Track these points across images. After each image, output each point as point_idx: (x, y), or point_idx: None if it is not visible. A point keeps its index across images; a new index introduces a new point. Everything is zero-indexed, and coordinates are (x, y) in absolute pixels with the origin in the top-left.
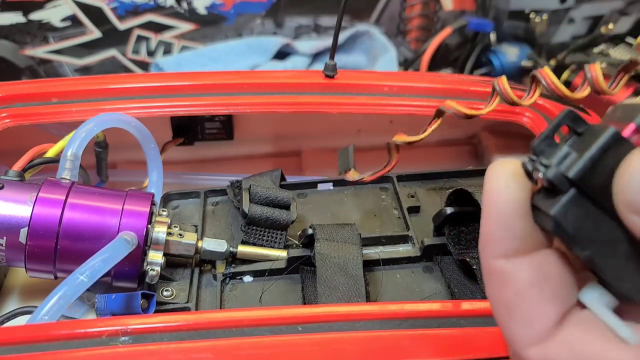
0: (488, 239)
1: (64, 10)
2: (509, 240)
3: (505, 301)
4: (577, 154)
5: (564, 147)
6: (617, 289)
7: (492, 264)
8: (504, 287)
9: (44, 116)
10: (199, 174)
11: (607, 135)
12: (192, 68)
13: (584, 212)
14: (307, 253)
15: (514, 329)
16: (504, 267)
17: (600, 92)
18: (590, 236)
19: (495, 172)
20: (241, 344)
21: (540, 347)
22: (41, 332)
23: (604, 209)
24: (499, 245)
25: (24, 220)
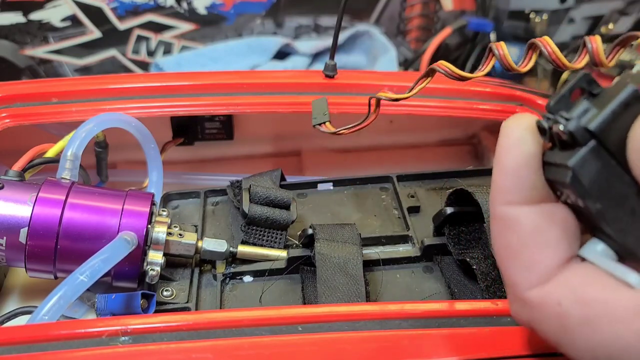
0: (498, 188)
1: (64, 10)
2: (518, 190)
3: (509, 246)
4: (596, 109)
5: (584, 102)
6: (621, 243)
7: (500, 210)
8: (509, 232)
9: (44, 116)
10: (199, 174)
11: (628, 91)
12: (192, 68)
13: (600, 166)
14: (307, 253)
15: (516, 272)
16: (511, 213)
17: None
18: (603, 190)
19: (511, 126)
20: (241, 344)
21: (540, 288)
22: (41, 332)
23: (619, 164)
24: (508, 193)
25: (24, 220)
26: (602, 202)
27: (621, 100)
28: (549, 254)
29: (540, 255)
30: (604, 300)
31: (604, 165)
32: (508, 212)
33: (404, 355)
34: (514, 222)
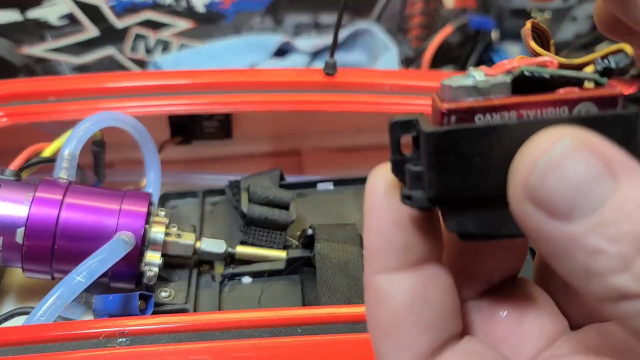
0: (368, 252)
1: (61, 8)
2: (389, 253)
3: (380, 322)
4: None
5: (410, 168)
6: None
7: (371, 280)
8: (380, 307)
9: (41, 115)
10: (197, 174)
11: (430, 140)
12: (190, 66)
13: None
14: (307, 253)
15: (385, 354)
16: (382, 284)
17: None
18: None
19: (374, 179)
20: (240, 346)
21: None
22: (38, 333)
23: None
24: (379, 258)
25: (21, 220)
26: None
27: (431, 152)
28: (422, 338)
29: (411, 339)
30: None
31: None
32: (379, 283)
33: None
34: (386, 295)
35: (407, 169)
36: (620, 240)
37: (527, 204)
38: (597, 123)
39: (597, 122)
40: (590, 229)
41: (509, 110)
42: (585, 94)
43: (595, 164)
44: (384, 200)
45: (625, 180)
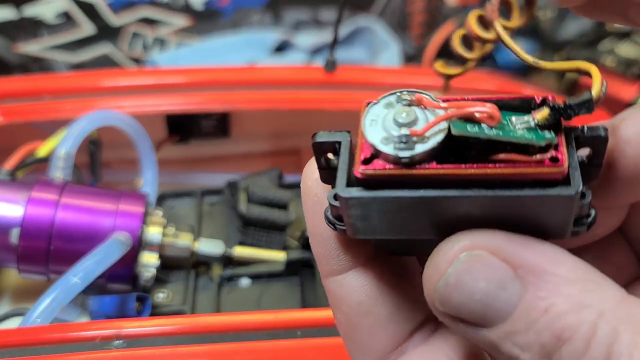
0: (315, 257)
1: (57, 5)
2: (332, 257)
3: (340, 325)
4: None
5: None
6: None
7: (324, 284)
8: (337, 311)
9: (36, 113)
10: (195, 173)
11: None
12: (188, 64)
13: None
14: (307, 254)
15: (352, 353)
16: (333, 288)
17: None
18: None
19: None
20: (238, 349)
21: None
22: (34, 335)
23: None
24: (325, 262)
25: (16, 220)
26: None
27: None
28: (380, 337)
29: (370, 339)
30: None
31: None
32: (331, 287)
33: None
34: (338, 298)
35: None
36: (529, 349)
37: (444, 317)
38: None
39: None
40: (503, 336)
41: (431, 181)
42: (519, 172)
43: (497, 273)
44: (316, 205)
45: (531, 284)
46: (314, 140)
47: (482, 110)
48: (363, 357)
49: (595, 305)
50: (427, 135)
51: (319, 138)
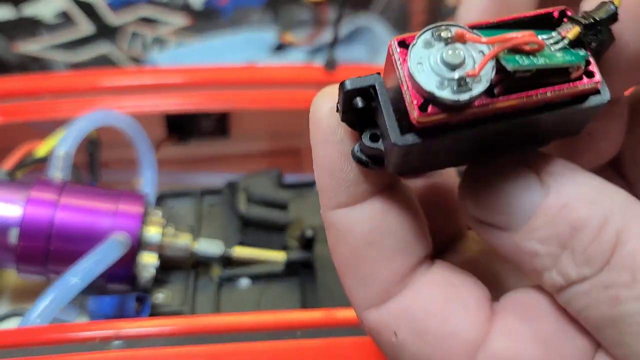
0: (321, 189)
1: (56, 5)
2: (341, 188)
3: (342, 258)
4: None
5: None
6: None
7: (327, 217)
8: (340, 243)
9: (35, 113)
10: (195, 173)
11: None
12: (187, 63)
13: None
14: (307, 255)
15: (352, 290)
16: (338, 220)
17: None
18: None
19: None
20: (238, 350)
21: (378, 310)
22: (32, 335)
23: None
24: (332, 194)
25: (15, 220)
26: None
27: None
28: (386, 266)
29: (375, 269)
30: (442, 338)
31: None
32: (335, 219)
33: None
34: (343, 231)
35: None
36: (546, 242)
37: (475, 223)
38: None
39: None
40: (526, 235)
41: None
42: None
43: (523, 178)
44: (329, 136)
45: (552, 187)
46: (346, 88)
47: (530, 40)
48: (366, 290)
49: (608, 203)
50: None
51: (351, 85)
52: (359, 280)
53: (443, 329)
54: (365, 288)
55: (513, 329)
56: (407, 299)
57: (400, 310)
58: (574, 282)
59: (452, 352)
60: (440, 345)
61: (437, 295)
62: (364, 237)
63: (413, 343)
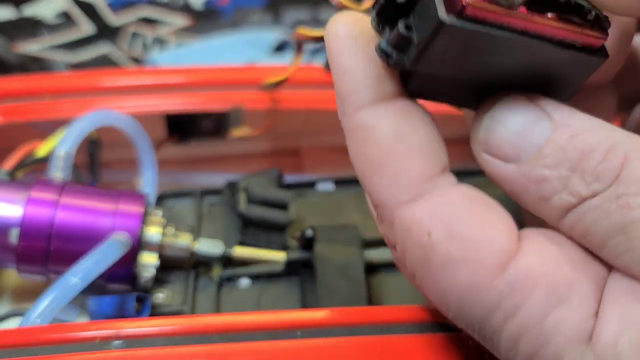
0: (344, 94)
1: (57, 5)
2: (366, 87)
3: (369, 160)
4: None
5: (401, 30)
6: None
7: (351, 120)
8: (367, 144)
9: (35, 113)
10: (195, 173)
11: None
12: (188, 64)
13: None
14: (307, 255)
15: (381, 190)
16: (364, 120)
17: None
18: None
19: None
20: (238, 349)
21: (410, 207)
22: (32, 335)
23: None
24: (356, 95)
25: (16, 220)
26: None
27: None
28: (416, 162)
29: (405, 164)
30: (477, 243)
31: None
32: (361, 120)
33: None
34: (370, 130)
35: (398, 29)
36: (556, 166)
37: (483, 154)
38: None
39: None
40: (535, 163)
41: (520, 26)
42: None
43: (532, 111)
44: (350, 41)
45: (559, 121)
46: None
47: None
48: (398, 186)
49: (613, 133)
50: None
51: None
52: (389, 178)
53: (480, 234)
54: (397, 184)
55: (544, 249)
56: (443, 200)
57: (437, 210)
58: (586, 198)
59: (485, 258)
60: (475, 250)
61: (474, 202)
62: (392, 133)
63: (447, 244)
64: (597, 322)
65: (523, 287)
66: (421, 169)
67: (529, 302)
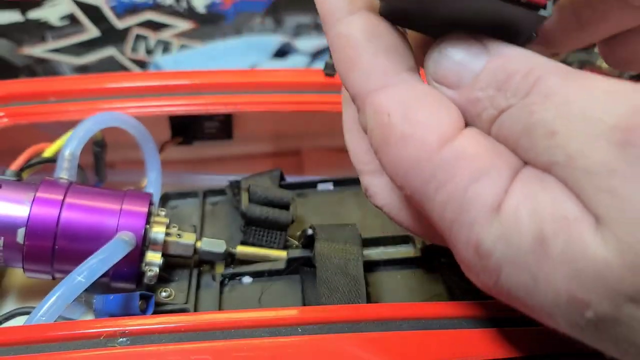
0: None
1: (62, 8)
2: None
3: (346, 59)
4: None
5: None
6: None
7: (333, 31)
8: (345, 49)
9: (41, 115)
10: (198, 174)
11: None
12: (191, 67)
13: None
14: (307, 254)
15: (355, 82)
16: (342, 29)
17: None
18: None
19: None
20: (240, 346)
21: (376, 94)
22: (39, 333)
23: None
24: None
25: (22, 220)
26: None
27: None
28: (383, 59)
29: (375, 60)
30: (424, 121)
31: None
32: (338, 30)
33: (405, 356)
34: (346, 35)
35: None
36: (487, 88)
37: (433, 83)
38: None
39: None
40: (472, 88)
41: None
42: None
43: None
44: None
45: (494, 53)
46: None
47: None
48: (369, 77)
49: (536, 60)
50: None
51: None
52: (362, 72)
53: (428, 118)
54: (368, 77)
55: (478, 138)
56: (404, 89)
57: (397, 96)
58: (504, 110)
59: (428, 137)
60: (422, 130)
61: (430, 94)
62: (363, 35)
63: (401, 124)
64: (505, 196)
65: (454, 163)
66: (388, 64)
67: (456, 177)
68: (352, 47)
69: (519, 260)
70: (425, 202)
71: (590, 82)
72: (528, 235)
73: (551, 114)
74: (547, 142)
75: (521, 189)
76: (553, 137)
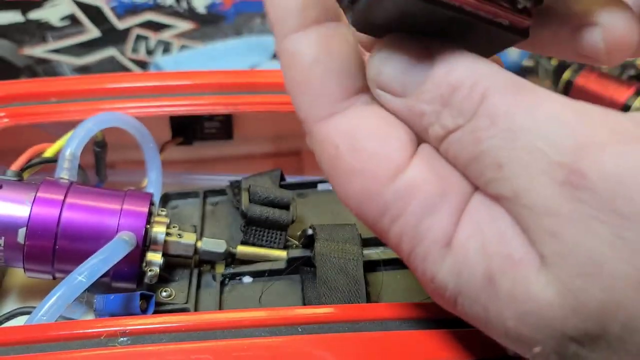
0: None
1: (62, 9)
2: (291, 15)
3: (294, 81)
4: None
5: None
6: None
7: (279, 47)
8: (292, 68)
9: (42, 116)
10: (198, 174)
11: None
12: (191, 67)
13: None
14: (307, 253)
15: (303, 107)
16: (290, 45)
17: None
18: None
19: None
20: (240, 345)
21: (325, 123)
22: (39, 332)
23: None
24: (283, 24)
25: (22, 220)
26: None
27: None
28: (332, 84)
29: (322, 85)
30: (375, 157)
31: None
32: (288, 45)
33: (404, 356)
34: (294, 54)
35: None
36: (432, 101)
37: (377, 90)
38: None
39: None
40: (417, 99)
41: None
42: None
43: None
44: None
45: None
46: None
47: None
48: (316, 104)
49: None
50: None
51: None
52: (309, 97)
53: (377, 149)
54: (315, 103)
55: (429, 164)
56: (351, 118)
57: (345, 126)
58: (451, 131)
59: (378, 170)
60: (371, 163)
61: (378, 122)
62: (311, 56)
63: (350, 157)
64: (456, 229)
65: (405, 197)
66: (336, 89)
67: (407, 210)
68: (299, 69)
69: (472, 294)
70: (381, 232)
71: (537, 102)
72: (478, 272)
73: (497, 143)
74: (493, 174)
75: (470, 222)
76: (500, 170)
